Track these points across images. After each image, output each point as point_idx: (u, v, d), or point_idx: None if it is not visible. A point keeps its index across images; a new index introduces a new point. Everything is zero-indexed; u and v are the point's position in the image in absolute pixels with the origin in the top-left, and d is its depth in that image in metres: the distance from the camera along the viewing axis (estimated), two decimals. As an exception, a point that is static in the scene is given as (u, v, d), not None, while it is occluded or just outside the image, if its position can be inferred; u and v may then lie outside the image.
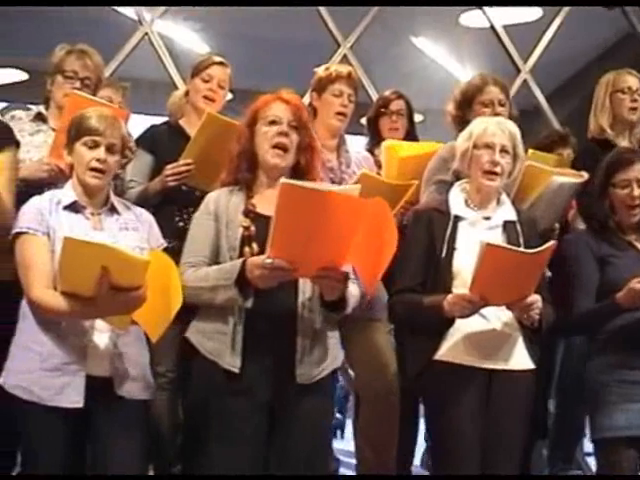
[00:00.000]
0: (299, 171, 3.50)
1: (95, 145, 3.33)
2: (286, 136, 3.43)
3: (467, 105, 4.50)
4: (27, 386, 3.18)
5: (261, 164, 3.48)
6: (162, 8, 7.47)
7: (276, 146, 3.42)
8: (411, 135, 5.13)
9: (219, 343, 3.31)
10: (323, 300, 3.32)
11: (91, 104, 3.64)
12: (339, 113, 4.39)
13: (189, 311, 3.35)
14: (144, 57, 7.49)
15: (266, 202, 3.38)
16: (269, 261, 3.08)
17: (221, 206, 3.45)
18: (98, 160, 3.32)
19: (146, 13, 7.47)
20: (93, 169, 3.32)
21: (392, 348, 4.21)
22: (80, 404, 3.16)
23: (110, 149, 3.35)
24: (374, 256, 3.19)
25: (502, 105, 4.44)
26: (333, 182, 4.17)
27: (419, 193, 4.25)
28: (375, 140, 5.07)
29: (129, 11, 7.63)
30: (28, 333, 3.25)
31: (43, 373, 3.18)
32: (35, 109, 4.14)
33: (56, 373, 3.18)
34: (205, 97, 4.39)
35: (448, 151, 4.14)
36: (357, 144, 4.75)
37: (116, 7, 7.82)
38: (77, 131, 3.37)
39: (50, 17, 7.76)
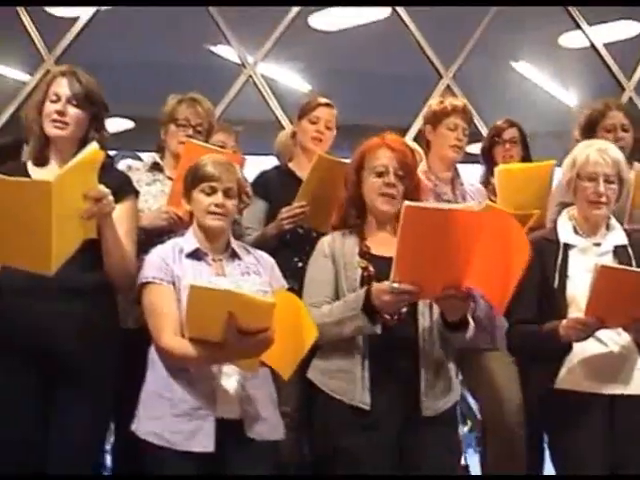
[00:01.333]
0: None
1: (213, 191, 3.37)
2: (393, 186, 3.45)
3: (591, 130, 4.47)
4: (159, 432, 3.21)
5: (370, 210, 3.50)
6: (264, 51, 7.59)
7: (384, 195, 3.45)
8: (526, 162, 5.09)
9: (344, 381, 3.32)
10: (445, 322, 3.31)
11: (206, 151, 3.68)
12: (454, 146, 4.40)
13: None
14: (248, 99, 7.61)
15: (379, 244, 3.44)
16: (395, 285, 3.09)
17: (337, 249, 3.47)
18: (217, 205, 3.36)
19: (249, 56, 7.60)
20: (212, 212, 3.37)
21: (516, 379, 4.16)
22: (210, 448, 3.17)
23: (227, 193, 3.39)
24: (501, 272, 3.14)
25: (625, 130, 4.41)
26: None
27: (543, 219, 4.21)
28: (490, 170, 5.05)
29: (232, 55, 7.76)
30: (158, 380, 3.29)
31: (174, 419, 3.21)
32: (150, 158, 4.22)
33: (186, 418, 3.20)
34: (313, 138, 4.43)
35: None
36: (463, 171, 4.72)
37: (219, 52, 7.95)
38: (194, 179, 3.42)
39: (152, 63, 7.95)
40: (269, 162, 4.87)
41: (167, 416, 3.22)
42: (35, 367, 3.20)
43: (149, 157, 4.26)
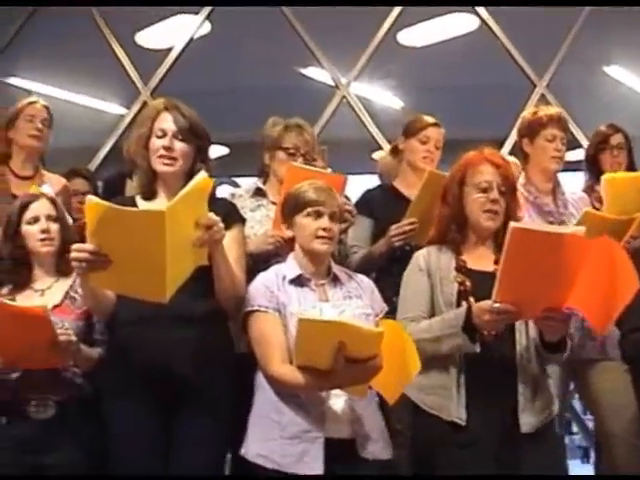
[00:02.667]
0: (505, 229, 3.50)
1: (319, 215, 3.40)
2: (497, 203, 3.43)
3: None
4: (268, 455, 3.23)
5: (471, 225, 3.49)
6: (356, 71, 7.63)
7: (488, 211, 3.43)
8: (632, 168, 5.00)
9: (440, 397, 3.31)
10: (543, 341, 3.28)
11: (310, 174, 3.72)
12: (555, 157, 4.37)
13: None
14: (342, 119, 7.65)
15: (475, 258, 3.44)
16: (497, 305, 3.08)
17: (432, 263, 3.46)
18: (324, 229, 3.39)
19: (342, 78, 7.65)
20: (320, 237, 3.39)
21: (629, 388, 4.09)
22: (320, 471, 3.18)
23: (332, 217, 3.41)
24: (604, 296, 3.09)
25: None
26: (552, 225, 4.11)
27: None
28: (596, 176, 4.98)
29: (322, 76, 7.81)
30: (266, 403, 3.31)
31: (283, 441, 3.23)
32: (253, 185, 4.25)
33: (295, 441, 3.22)
34: (424, 158, 4.43)
35: None
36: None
37: (309, 74, 8.01)
38: (297, 204, 3.46)
39: (244, 89, 8.04)
40: (366, 181, 4.88)
41: (276, 439, 3.24)
42: (153, 393, 3.25)
43: (252, 183, 4.29)
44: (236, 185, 6.68)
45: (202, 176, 3.00)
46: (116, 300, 3.31)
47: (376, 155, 7.70)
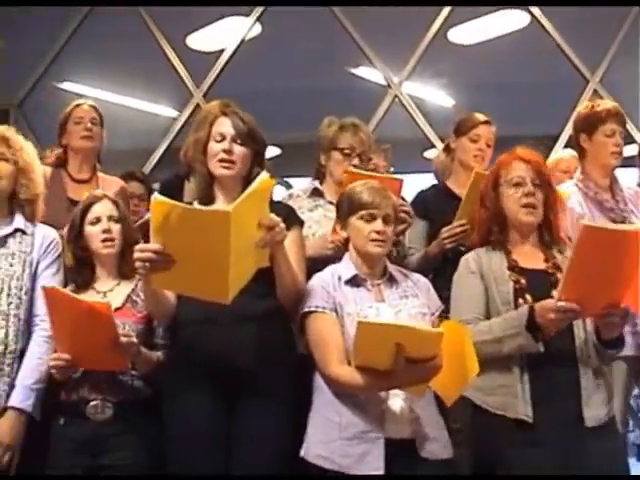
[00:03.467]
0: (547, 226, 3.53)
1: (372, 218, 3.40)
2: (533, 195, 3.44)
3: None
4: (328, 455, 3.23)
5: (512, 223, 3.49)
6: (408, 70, 7.63)
7: (525, 206, 3.43)
8: None
9: (504, 396, 3.29)
10: (600, 338, 3.27)
11: (367, 178, 3.67)
12: (614, 153, 4.34)
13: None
14: (394, 118, 7.65)
15: (524, 257, 3.44)
16: (561, 304, 3.06)
17: (484, 264, 3.46)
18: (377, 232, 3.38)
19: (394, 77, 7.65)
20: (374, 240, 3.38)
21: None
22: (381, 471, 3.16)
23: (386, 220, 3.41)
24: None
25: None
26: (614, 222, 4.10)
27: None
28: None
29: (373, 76, 7.82)
30: (325, 404, 3.31)
31: (343, 442, 3.22)
32: (310, 185, 4.26)
33: (355, 441, 3.20)
34: (475, 157, 4.43)
35: None
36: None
37: (360, 74, 8.01)
38: (350, 206, 3.46)
39: (294, 90, 8.06)
40: (418, 180, 4.88)
41: (336, 440, 3.23)
42: (215, 393, 3.26)
43: (308, 184, 4.31)
44: (289, 186, 6.70)
45: (264, 177, 2.99)
46: (176, 303, 3.34)
47: (429, 154, 7.71)
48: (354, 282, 3.40)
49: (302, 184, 4.42)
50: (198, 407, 3.27)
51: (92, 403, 3.38)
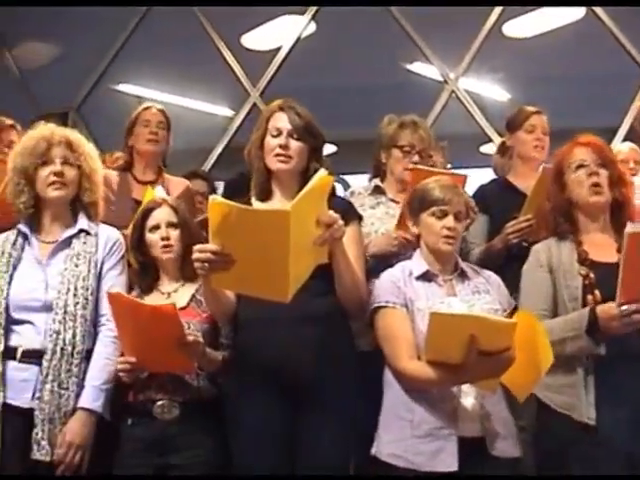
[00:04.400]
0: (617, 206, 3.50)
1: (443, 214, 3.40)
2: (597, 175, 3.43)
3: None
4: (401, 454, 3.22)
5: (580, 207, 3.49)
6: (464, 65, 7.61)
7: (592, 186, 3.43)
8: None
9: (569, 397, 3.28)
10: None
11: (432, 175, 3.69)
12: None
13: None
14: (451, 114, 7.63)
15: (596, 248, 3.40)
16: (624, 307, 3.05)
17: (553, 257, 3.44)
18: (449, 229, 3.38)
19: (450, 73, 7.64)
20: (445, 236, 3.39)
21: None
22: (454, 467, 3.15)
23: (457, 216, 3.41)
24: None
25: None
26: None
27: None
28: None
29: (432, 73, 7.80)
30: (396, 402, 3.31)
31: (415, 440, 3.22)
32: (372, 183, 4.25)
33: (428, 439, 3.20)
34: (536, 147, 4.43)
35: None
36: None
37: (414, 70, 8.00)
38: (422, 203, 3.45)
39: (350, 86, 8.06)
40: (477, 175, 4.87)
41: (408, 438, 3.23)
42: (277, 393, 3.26)
43: (368, 181, 4.31)
44: (345, 183, 6.71)
45: (323, 174, 2.98)
46: (236, 302, 3.35)
47: (485, 148, 7.68)
48: (425, 277, 3.40)
49: (359, 181, 4.43)
50: (260, 408, 3.28)
51: (159, 403, 3.41)
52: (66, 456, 3.31)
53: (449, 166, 4.43)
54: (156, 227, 3.64)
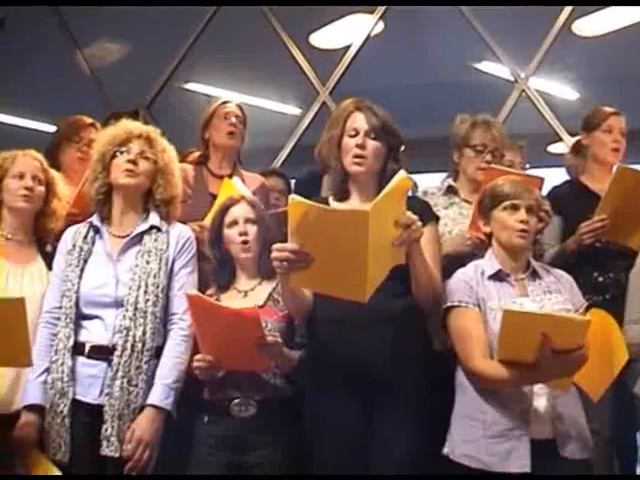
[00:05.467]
0: None
1: (515, 209, 3.40)
2: None
3: None
4: (473, 454, 3.23)
5: None
6: (534, 65, 7.57)
7: None
8: None
9: None
10: None
11: (507, 175, 3.69)
12: None
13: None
14: (521, 113, 7.57)
15: None
16: None
17: None
18: (521, 222, 3.38)
19: (521, 72, 7.59)
20: (518, 231, 3.38)
21: None
22: (527, 468, 3.15)
23: (529, 211, 3.40)
24: None
25: None
26: None
27: None
28: None
29: (502, 72, 7.76)
30: (468, 402, 3.31)
31: (488, 440, 3.22)
32: (445, 183, 4.25)
33: (500, 439, 3.20)
34: (614, 150, 4.40)
35: None
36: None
37: (487, 70, 7.96)
38: (493, 198, 3.46)
39: (418, 85, 8.04)
40: (547, 175, 4.83)
41: (480, 438, 3.23)
42: (353, 392, 3.28)
43: (443, 181, 4.30)
44: (414, 182, 6.70)
45: (402, 175, 2.99)
46: (313, 302, 3.37)
47: (553, 148, 7.62)
48: (497, 277, 3.40)
49: (427, 180, 4.42)
50: (336, 407, 3.30)
51: (236, 401, 3.44)
52: (135, 452, 3.35)
53: (527, 166, 4.39)
54: (234, 223, 3.65)
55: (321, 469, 3.33)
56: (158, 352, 3.48)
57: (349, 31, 8.37)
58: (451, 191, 4.21)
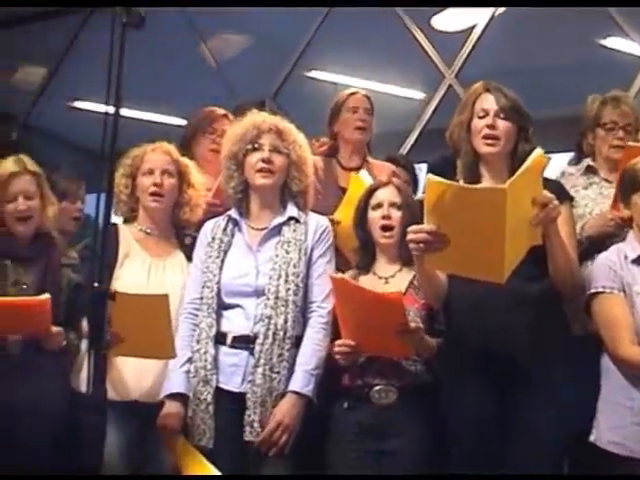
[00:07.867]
0: None
1: None
2: None
3: None
4: (620, 441, 3.19)
5: None
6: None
7: None
8: None
9: None
10: None
11: None
12: None
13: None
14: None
15: None
16: None
17: None
18: None
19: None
20: None
21: None
22: None
23: None
24: None
25: None
26: None
27: None
28: None
29: (631, 48, 7.58)
30: (615, 389, 3.27)
31: (636, 427, 3.18)
32: (584, 163, 4.21)
33: None
34: None
35: None
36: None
37: (609, 45, 7.77)
38: (633, 183, 3.40)
39: (546, 65, 7.90)
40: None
41: (628, 425, 3.19)
42: (490, 377, 3.27)
43: (584, 162, 4.23)
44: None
45: (538, 153, 2.95)
46: (448, 289, 3.35)
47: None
48: None
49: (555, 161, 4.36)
50: (474, 392, 3.29)
51: (377, 388, 3.45)
52: (273, 434, 3.39)
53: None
54: (379, 205, 3.66)
55: (459, 454, 3.32)
56: (298, 341, 3.51)
57: (468, 13, 8.24)
58: (590, 171, 4.16)
